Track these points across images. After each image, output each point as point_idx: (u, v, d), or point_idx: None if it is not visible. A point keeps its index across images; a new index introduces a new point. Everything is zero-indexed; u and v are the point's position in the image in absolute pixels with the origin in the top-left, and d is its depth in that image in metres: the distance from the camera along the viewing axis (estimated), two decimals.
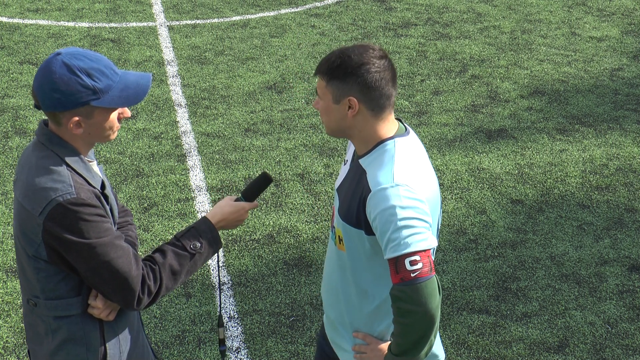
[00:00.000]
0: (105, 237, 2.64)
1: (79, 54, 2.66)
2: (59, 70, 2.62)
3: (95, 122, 2.68)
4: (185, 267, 2.76)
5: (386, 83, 2.84)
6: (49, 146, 2.69)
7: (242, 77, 8.11)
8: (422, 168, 2.87)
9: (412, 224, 2.74)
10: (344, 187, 2.99)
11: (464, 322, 5.06)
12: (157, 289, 2.71)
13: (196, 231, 2.80)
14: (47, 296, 2.74)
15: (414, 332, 2.77)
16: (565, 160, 6.83)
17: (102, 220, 2.64)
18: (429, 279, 2.74)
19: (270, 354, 4.79)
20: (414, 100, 7.74)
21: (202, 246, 2.79)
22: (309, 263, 5.52)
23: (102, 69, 2.65)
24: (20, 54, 8.49)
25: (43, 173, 2.65)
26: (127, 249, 2.69)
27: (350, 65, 2.81)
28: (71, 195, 2.60)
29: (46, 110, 2.65)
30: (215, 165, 6.62)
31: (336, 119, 2.88)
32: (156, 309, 5.07)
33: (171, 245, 2.77)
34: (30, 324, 2.86)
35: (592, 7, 10.22)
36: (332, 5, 10.06)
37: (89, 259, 2.63)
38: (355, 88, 2.82)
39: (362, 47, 2.85)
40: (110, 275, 2.64)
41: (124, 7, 9.82)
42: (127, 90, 2.69)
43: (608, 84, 8.14)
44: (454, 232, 5.89)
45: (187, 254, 2.77)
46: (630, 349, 4.88)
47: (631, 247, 5.75)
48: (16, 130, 7.05)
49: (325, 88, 2.85)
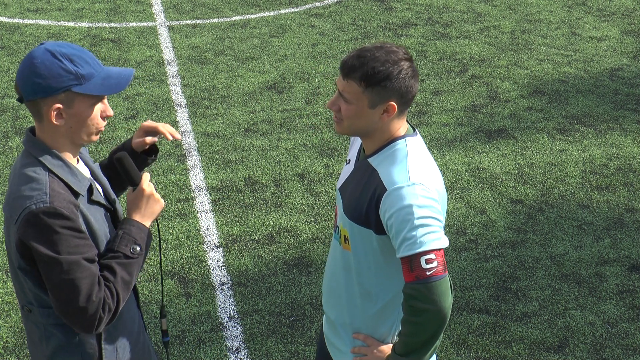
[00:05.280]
0: (74, 254, 2.59)
1: (63, 43, 2.64)
2: (41, 55, 2.60)
3: (76, 113, 2.64)
4: (134, 273, 2.74)
5: (417, 84, 2.87)
6: (32, 153, 2.66)
7: (242, 77, 8.11)
8: (432, 168, 2.89)
9: (428, 222, 2.76)
10: (348, 186, 2.98)
11: (464, 322, 5.06)
12: (115, 305, 2.68)
13: (128, 235, 2.76)
14: (40, 304, 2.72)
15: (425, 331, 2.78)
16: (565, 160, 6.83)
17: (73, 234, 2.59)
18: (443, 278, 2.76)
19: (270, 354, 4.79)
20: (414, 100, 7.74)
21: (140, 248, 2.76)
22: (309, 263, 5.52)
23: (84, 57, 2.63)
24: (20, 54, 8.49)
25: (23, 181, 2.62)
26: (93, 271, 2.63)
27: (392, 72, 2.79)
28: (44, 203, 2.56)
29: (27, 98, 2.61)
30: (215, 165, 6.62)
31: (367, 123, 2.86)
32: (156, 309, 5.08)
33: (113, 259, 2.71)
34: (27, 329, 2.84)
35: (592, 7, 10.22)
36: (332, 5, 10.06)
37: (53, 274, 2.58)
38: (396, 94, 2.81)
39: (390, 50, 2.82)
40: (72, 296, 2.59)
41: (124, 7, 9.82)
42: (109, 80, 2.66)
43: (608, 84, 8.14)
44: (454, 232, 5.89)
45: (131, 260, 2.73)
46: (630, 349, 4.88)
47: (631, 247, 5.75)
48: (16, 130, 7.05)
49: (362, 94, 2.80)
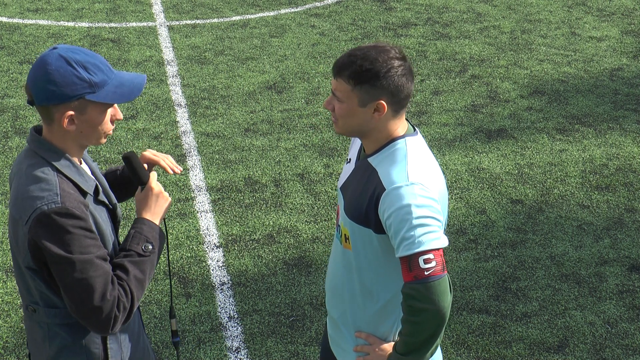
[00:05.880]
0: (87, 253, 2.59)
1: (76, 48, 2.63)
2: (55, 62, 2.58)
3: (88, 119, 2.64)
4: (147, 271, 2.74)
5: (410, 83, 2.83)
6: (39, 153, 2.66)
7: (242, 77, 8.11)
8: (432, 168, 2.88)
9: (426, 222, 2.75)
10: (349, 186, 2.97)
11: (464, 322, 5.06)
12: (130, 304, 2.67)
13: (139, 234, 2.76)
14: (46, 304, 2.71)
15: (424, 331, 2.77)
16: (565, 160, 6.83)
17: (85, 234, 2.60)
18: (442, 278, 2.75)
19: (270, 354, 4.79)
20: (414, 100, 7.74)
21: (153, 246, 2.76)
22: (309, 263, 5.52)
23: (98, 64, 2.62)
24: (20, 54, 8.49)
25: (32, 181, 2.62)
26: (107, 270, 2.63)
27: (380, 70, 2.77)
28: (56, 204, 2.56)
29: (40, 103, 2.61)
30: (215, 165, 6.62)
31: (360, 122, 2.85)
32: (156, 309, 5.07)
33: (125, 257, 2.72)
34: (28, 328, 2.83)
35: (592, 7, 10.22)
36: (332, 5, 10.06)
37: (66, 274, 2.58)
38: (385, 92, 2.79)
39: (382, 49, 2.81)
40: (86, 295, 2.59)
41: (123, 7, 9.82)
42: (122, 87, 2.66)
43: (608, 84, 8.14)
44: (454, 232, 5.89)
45: (144, 258, 2.73)
46: (630, 349, 4.88)
47: (631, 247, 5.75)
48: (16, 130, 7.06)
49: (351, 92, 2.80)
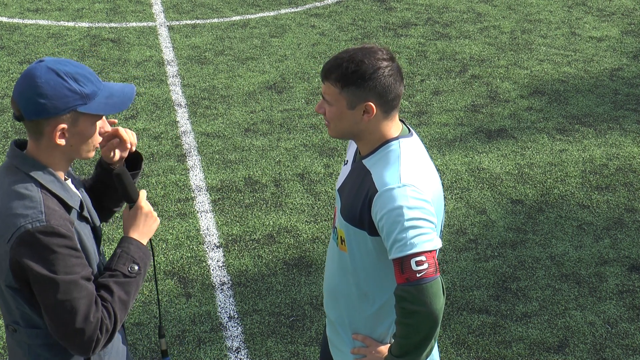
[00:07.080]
0: (72, 274, 2.53)
1: (63, 60, 2.58)
2: (44, 75, 2.52)
3: (79, 132, 2.58)
4: (132, 293, 2.68)
5: (399, 84, 2.81)
6: (22, 169, 2.59)
7: (242, 77, 8.11)
8: (426, 169, 2.87)
9: (418, 224, 2.74)
10: (345, 188, 2.97)
11: (464, 322, 5.06)
12: (113, 326, 2.62)
13: (126, 254, 2.71)
14: (27, 324, 2.64)
15: (417, 333, 2.77)
16: (565, 160, 6.83)
17: (70, 253, 2.53)
18: (434, 280, 2.74)
19: (270, 354, 4.79)
20: (414, 100, 7.74)
21: (139, 267, 2.71)
22: (309, 263, 5.52)
23: (87, 75, 2.58)
24: (20, 54, 8.49)
25: (14, 198, 2.54)
26: (91, 291, 2.57)
27: (365, 71, 2.76)
28: (41, 222, 2.49)
29: (30, 118, 2.53)
30: (215, 165, 6.62)
31: (349, 124, 2.84)
32: (156, 309, 5.07)
33: (111, 278, 2.66)
34: (10, 347, 2.77)
35: (592, 7, 10.22)
36: (332, 5, 10.06)
37: (49, 295, 2.52)
38: (373, 93, 2.78)
39: (369, 50, 2.80)
40: (69, 317, 2.53)
41: (124, 7, 9.82)
42: (112, 98, 2.62)
43: (608, 84, 8.14)
44: (454, 232, 5.89)
45: (129, 279, 2.68)
46: (630, 349, 4.88)
47: (631, 247, 5.75)
48: (16, 130, 7.06)
49: (339, 95, 2.79)
